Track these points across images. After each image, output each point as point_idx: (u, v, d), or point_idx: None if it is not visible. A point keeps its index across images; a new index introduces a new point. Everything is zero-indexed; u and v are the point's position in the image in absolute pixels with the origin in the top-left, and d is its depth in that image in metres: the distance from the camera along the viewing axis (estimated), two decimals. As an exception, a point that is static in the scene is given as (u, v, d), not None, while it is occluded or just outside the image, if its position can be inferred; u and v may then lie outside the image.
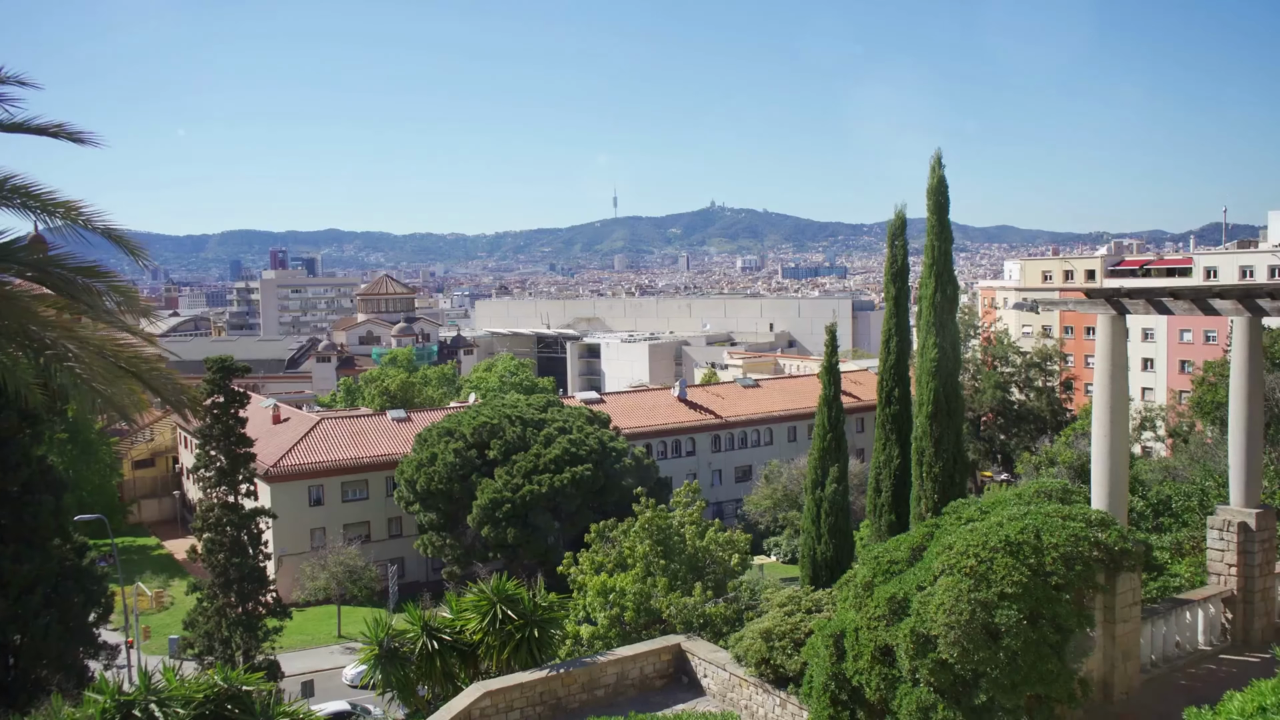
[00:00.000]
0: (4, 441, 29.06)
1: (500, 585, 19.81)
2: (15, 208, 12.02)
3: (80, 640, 30.33)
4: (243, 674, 14.78)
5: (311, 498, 60.88)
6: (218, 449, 38.59)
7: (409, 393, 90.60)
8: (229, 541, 38.21)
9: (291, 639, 47.14)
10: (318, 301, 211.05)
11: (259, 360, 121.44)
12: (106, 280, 12.70)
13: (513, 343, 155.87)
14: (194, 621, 38.46)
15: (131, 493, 78.56)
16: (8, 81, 12.66)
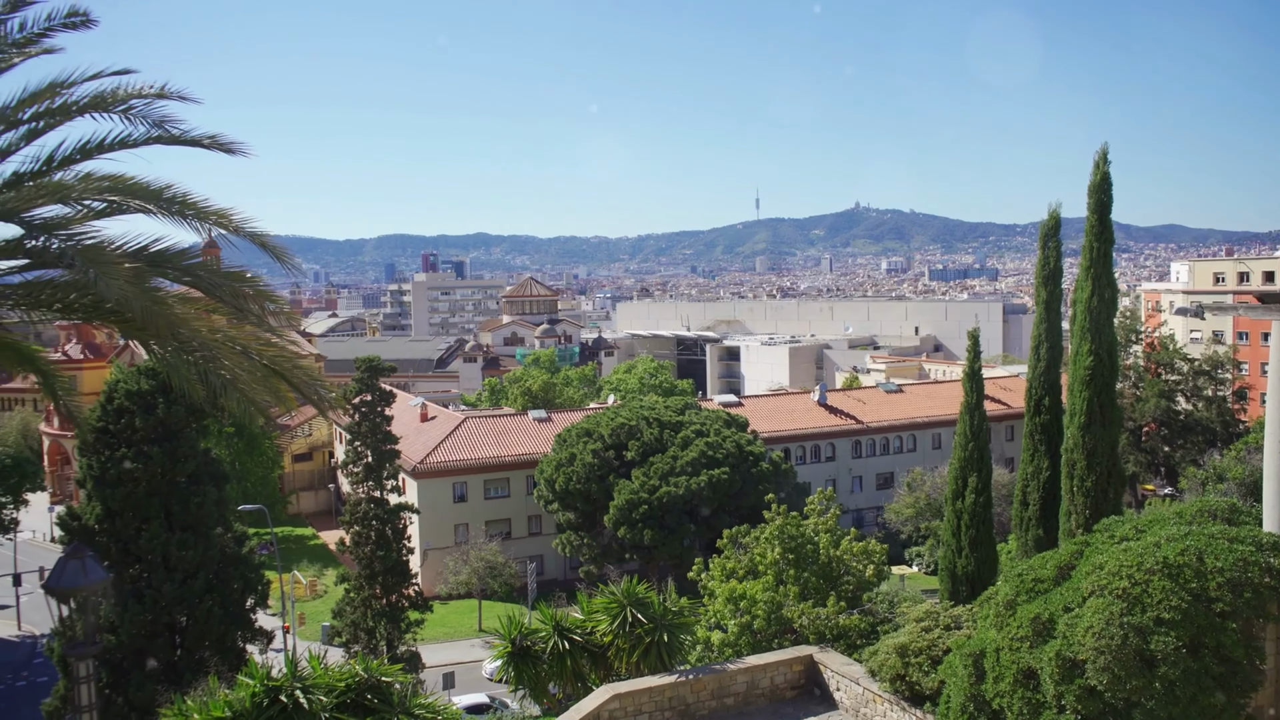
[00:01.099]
0: (173, 435, 31.04)
1: (630, 588, 19.80)
2: (172, 215, 12.69)
3: (239, 624, 32.06)
4: (384, 664, 15.19)
5: (455, 494, 62.67)
6: (365, 445, 40.13)
7: (550, 393, 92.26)
8: (375, 535, 39.70)
9: (434, 631, 48.62)
10: (465, 303, 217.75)
11: (409, 360, 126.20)
12: (251, 284, 13.27)
13: (652, 345, 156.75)
14: (341, 611, 40.12)
15: (291, 485, 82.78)
16: (170, 97, 13.38)
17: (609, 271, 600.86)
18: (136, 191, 12.60)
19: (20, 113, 13.10)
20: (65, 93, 13.33)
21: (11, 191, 12.78)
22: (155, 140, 13.22)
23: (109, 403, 31.36)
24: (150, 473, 30.40)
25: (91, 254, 10.88)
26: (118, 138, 13.26)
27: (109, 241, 11.86)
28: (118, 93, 13.21)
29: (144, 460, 30.28)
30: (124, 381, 31.75)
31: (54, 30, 13.04)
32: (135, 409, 30.86)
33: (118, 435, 30.79)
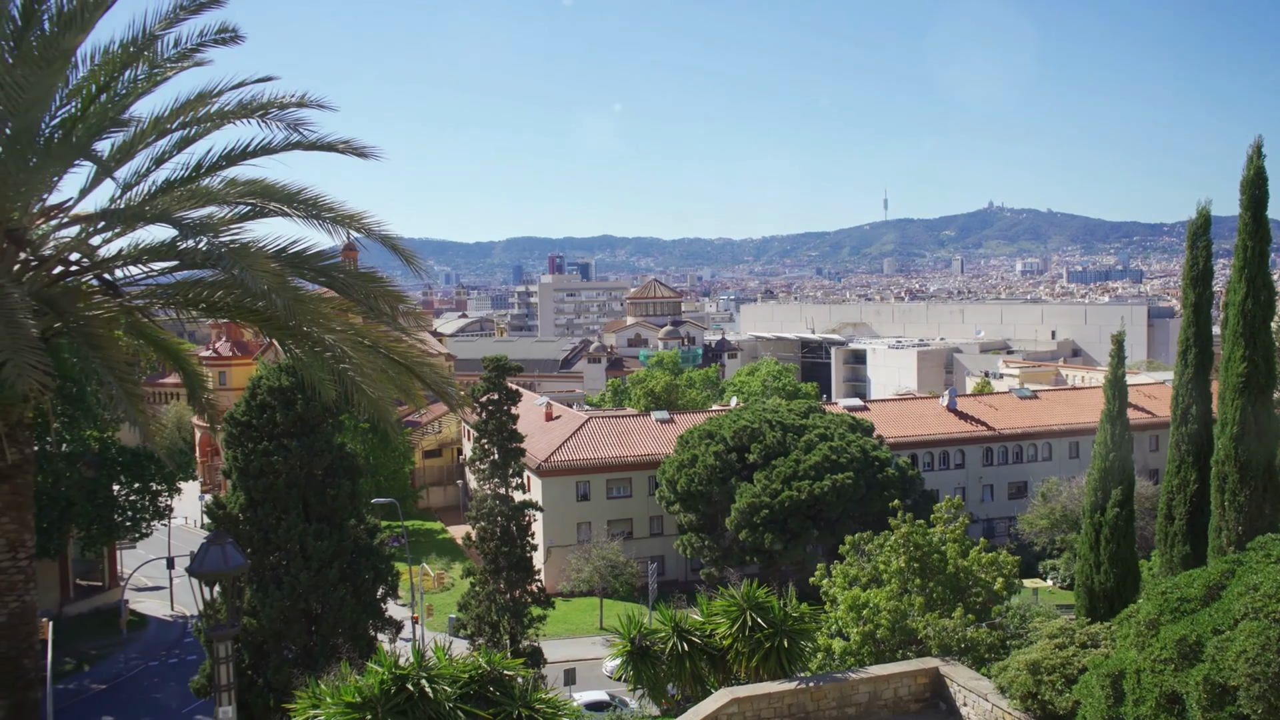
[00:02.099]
0: (311, 429, 32.38)
1: (750, 592, 19.60)
2: (309, 218, 13.23)
3: (370, 613, 33.19)
4: (506, 658, 15.45)
5: (579, 493, 63.43)
6: (492, 443, 41.00)
7: (673, 394, 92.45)
8: (500, 531, 40.51)
9: (556, 627, 49.31)
10: (590, 304, 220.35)
11: (535, 360, 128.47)
12: (384, 285, 13.74)
13: (776, 347, 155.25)
14: (467, 604, 41.09)
15: (422, 480, 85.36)
16: (309, 105, 13.96)
17: (733, 273, 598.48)
18: (276, 195, 13.17)
19: (173, 122, 13.85)
20: (212, 102, 14.03)
21: (165, 196, 13.54)
22: (294, 146, 13.79)
23: (252, 398, 32.95)
24: (290, 465, 31.80)
25: (238, 253, 11.41)
26: (259, 143, 13.89)
27: (253, 243, 12.43)
28: (259, 101, 13.83)
29: (284, 453, 31.69)
30: (266, 378, 33.31)
31: (205, 46, 13.72)
32: (276, 404, 32.33)
33: (260, 429, 32.31)
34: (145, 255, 13.01)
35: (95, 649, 51.68)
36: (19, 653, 12.53)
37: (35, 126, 11.80)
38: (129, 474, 53.90)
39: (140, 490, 54.51)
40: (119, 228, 13.07)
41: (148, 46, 13.43)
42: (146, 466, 54.11)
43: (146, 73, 13.80)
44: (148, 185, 13.95)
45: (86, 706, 44.79)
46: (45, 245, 13.19)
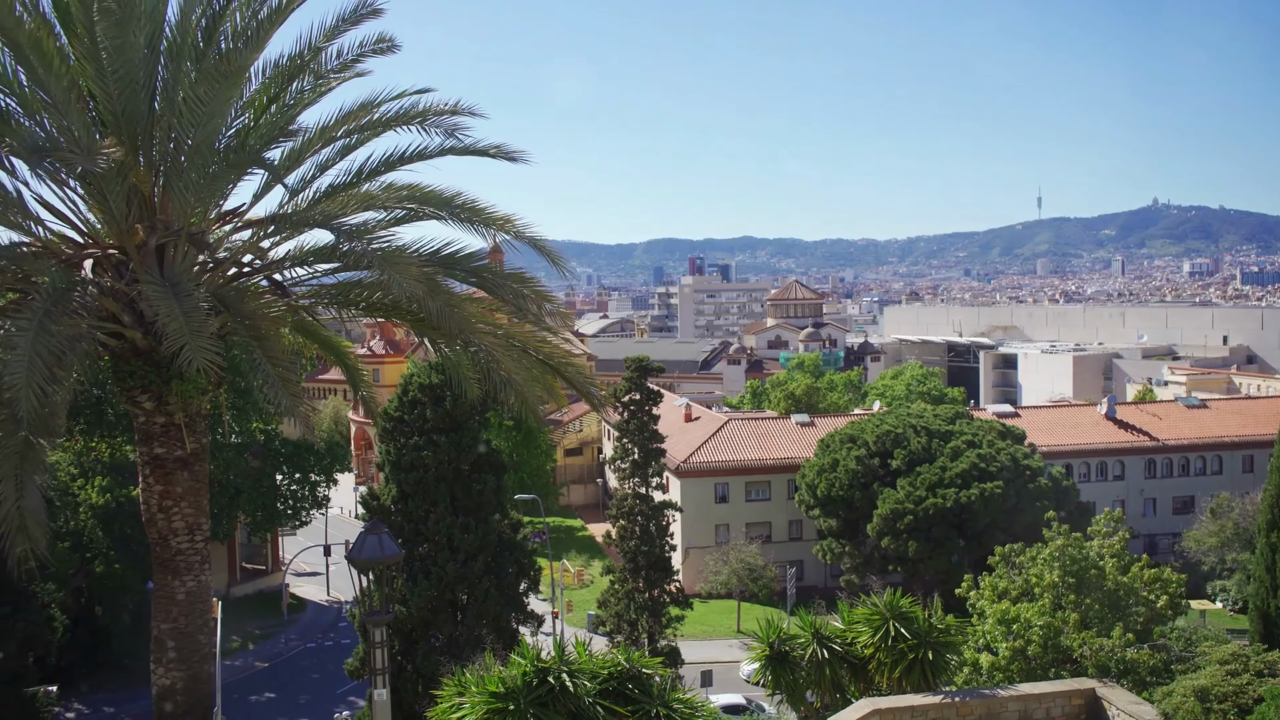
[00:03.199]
0: (459, 426, 33.41)
1: (894, 601, 19.12)
2: (460, 221, 13.70)
3: (513, 606, 34.00)
4: (645, 656, 15.57)
5: (717, 494, 63.31)
6: (633, 442, 41.40)
7: (813, 398, 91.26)
8: (639, 530, 40.86)
9: (693, 628, 49.38)
10: (730, 306, 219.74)
11: (675, 361, 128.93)
12: (531, 286, 14.08)
13: (921, 350, 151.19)
14: (606, 601, 41.60)
15: (563, 477, 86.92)
16: (461, 113, 14.43)
17: (876, 275, 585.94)
18: (432, 200, 13.67)
19: (337, 131, 14.56)
20: (373, 111, 14.68)
21: (328, 201, 14.24)
22: (448, 151, 14.28)
23: (404, 394, 34.24)
24: (438, 460, 32.89)
25: (389, 257, 11.90)
26: (415, 150, 14.45)
27: (407, 245, 12.94)
28: (416, 110, 14.38)
29: (433, 448, 32.80)
30: (417, 375, 34.56)
31: (364, 56, 14.36)
32: (426, 401, 33.50)
33: (411, 425, 33.54)
34: (310, 257, 13.75)
35: (259, 629, 54.82)
36: (195, 628, 13.44)
37: (214, 138, 12.60)
38: (291, 465, 56.95)
39: (301, 481, 57.52)
40: (286, 231, 13.83)
41: (313, 59, 14.17)
42: (306, 458, 57.05)
43: (312, 84, 14.56)
44: (312, 191, 14.72)
45: (251, 682, 47.52)
46: (220, 248, 14.09)
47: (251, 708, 44.66)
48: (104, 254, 12.83)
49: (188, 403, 12.86)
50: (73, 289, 11.28)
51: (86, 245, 13.12)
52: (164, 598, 13.48)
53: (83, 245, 13.14)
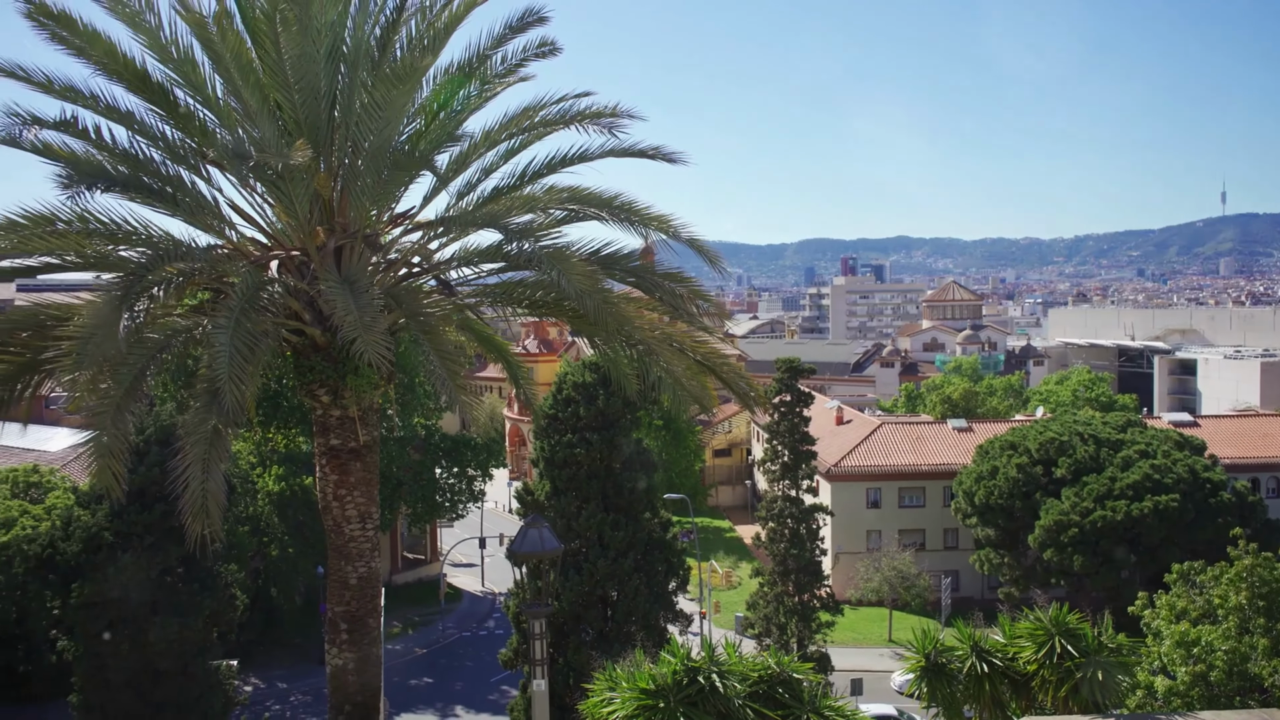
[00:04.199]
0: (611, 424, 33.90)
1: (1060, 616, 18.24)
2: (620, 222, 13.91)
3: (661, 604, 34.25)
4: (794, 661, 15.40)
5: (869, 499, 62.03)
6: (783, 445, 41.04)
7: (971, 402, 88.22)
8: (789, 533, 40.46)
9: (842, 635, 48.52)
10: (884, 307, 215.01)
11: (825, 363, 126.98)
12: (689, 285, 14.16)
13: (1089, 355, 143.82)
14: (755, 604, 41.37)
15: (711, 478, 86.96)
16: (621, 115, 14.62)
17: (1040, 275, 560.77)
18: (591, 200, 13.92)
19: (501, 135, 15.00)
20: (536, 115, 15.05)
21: (492, 203, 14.70)
22: (609, 153, 14.51)
23: (559, 393, 35.00)
24: (591, 458, 33.47)
25: (555, 256, 12.19)
26: (577, 152, 14.74)
27: (569, 245, 13.22)
28: (577, 112, 14.66)
29: (586, 446, 33.40)
30: (571, 374, 35.27)
31: (528, 61, 14.73)
32: (580, 399, 34.14)
33: (565, 422, 34.26)
34: (475, 257, 14.24)
35: (418, 616, 57.13)
36: (366, 612, 14.12)
37: (388, 144, 13.20)
38: (449, 459, 59.09)
39: (458, 474, 59.61)
40: (454, 233, 14.36)
41: (480, 65, 14.64)
42: (464, 453, 59.09)
43: (478, 90, 15.03)
44: (477, 194, 15.22)
45: (411, 667, 49.57)
46: (392, 250, 14.75)
47: (411, 691, 46.58)
48: (287, 255, 13.64)
49: (361, 397, 13.52)
50: (261, 288, 12.05)
51: (272, 247, 13.97)
52: (337, 582, 14.21)
53: (269, 247, 14.00)
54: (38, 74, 12.75)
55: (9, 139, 12.51)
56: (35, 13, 12.25)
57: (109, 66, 12.85)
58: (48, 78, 12.77)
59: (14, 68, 12.60)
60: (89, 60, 12.91)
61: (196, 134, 13.45)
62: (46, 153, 12.71)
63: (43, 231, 12.14)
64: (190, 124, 13.36)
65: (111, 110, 13.06)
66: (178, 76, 13.15)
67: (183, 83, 13.22)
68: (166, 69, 13.14)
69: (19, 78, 12.72)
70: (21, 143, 12.61)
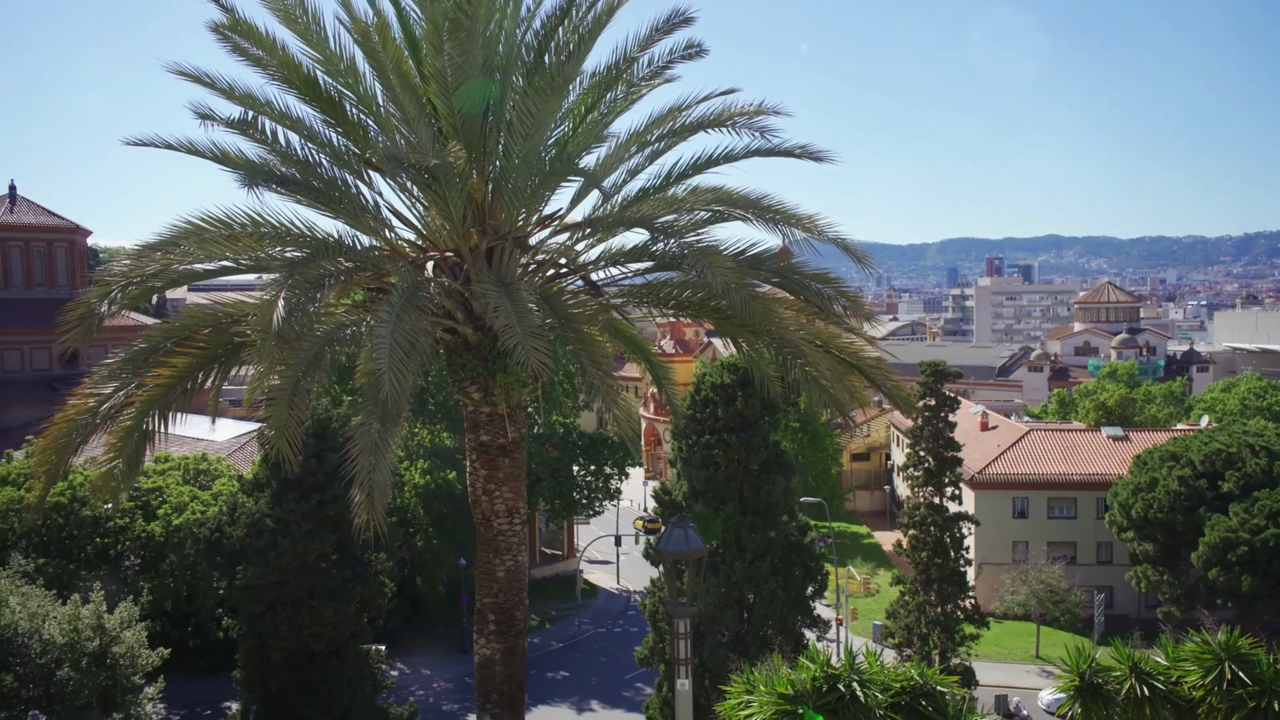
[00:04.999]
0: (749, 426, 33.72)
1: (1232, 641, 17.13)
2: (766, 222, 13.80)
3: (798, 609, 33.85)
4: (938, 673, 14.97)
5: (1015, 509, 59.77)
6: (926, 450, 39.99)
7: (1127, 410, 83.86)
8: (932, 541, 39.39)
9: (986, 649, 46.92)
10: (1032, 309, 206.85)
11: (969, 366, 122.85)
12: (835, 286, 13.96)
13: (1260, 361, 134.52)
14: (895, 612, 40.43)
15: (848, 482, 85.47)
16: (766, 113, 14.52)
17: (1204, 275, 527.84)
18: (737, 201, 13.88)
19: (647, 136, 15.12)
20: (680, 116, 15.10)
21: (637, 205, 14.83)
22: (754, 153, 14.43)
23: (697, 393, 35.04)
24: (728, 459, 33.39)
25: (702, 255, 12.21)
26: (721, 152, 14.72)
27: (715, 245, 13.22)
28: (722, 113, 14.63)
29: (724, 447, 33.34)
30: (709, 375, 35.25)
31: (674, 62, 14.78)
32: (718, 400, 34.09)
33: (702, 423, 34.27)
34: (622, 258, 14.41)
35: (555, 610, 58.20)
36: (512, 605, 14.48)
37: (539, 147, 13.50)
38: (586, 457, 59.99)
39: (595, 472, 60.43)
40: (600, 233, 14.57)
41: (627, 68, 14.78)
42: (601, 451, 59.86)
43: (625, 92, 15.20)
44: (623, 195, 15.38)
45: (548, 660, 50.53)
46: (540, 251, 15.07)
47: (548, 684, 47.49)
48: (441, 256, 14.12)
49: (510, 394, 13.88)
50: (420, 287, 12.51)
51: (426, 248, 14.48)
52: (485, 574, 14.62)
53: (423, 248, 14.52)
54: (221, 81, 13.64)
55: (191, 148, 13.39)
56: (221, 27, 13.08)
57: (283, 76, 13.61)
58: (230, 85, 13.65)
59: (200, 74, 13.50)
60: (264, 70, 13.71)
61: (359, 139, 14.09)
62: (224, 160, 13.55)
63: (221, 235, 12.94)
64: (354, 130, 14.02)
65: (285, 117, 13.83)
66: (344, 85, 13.80)
67: (348, 91, 13.87)
68: (333, 79, 13.82)
69: (204, 83, 13.62)
70: (202, 151, 13.48)
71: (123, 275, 13.45)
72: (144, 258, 13.26)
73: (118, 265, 14.07)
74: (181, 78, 13.50)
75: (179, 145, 13.48)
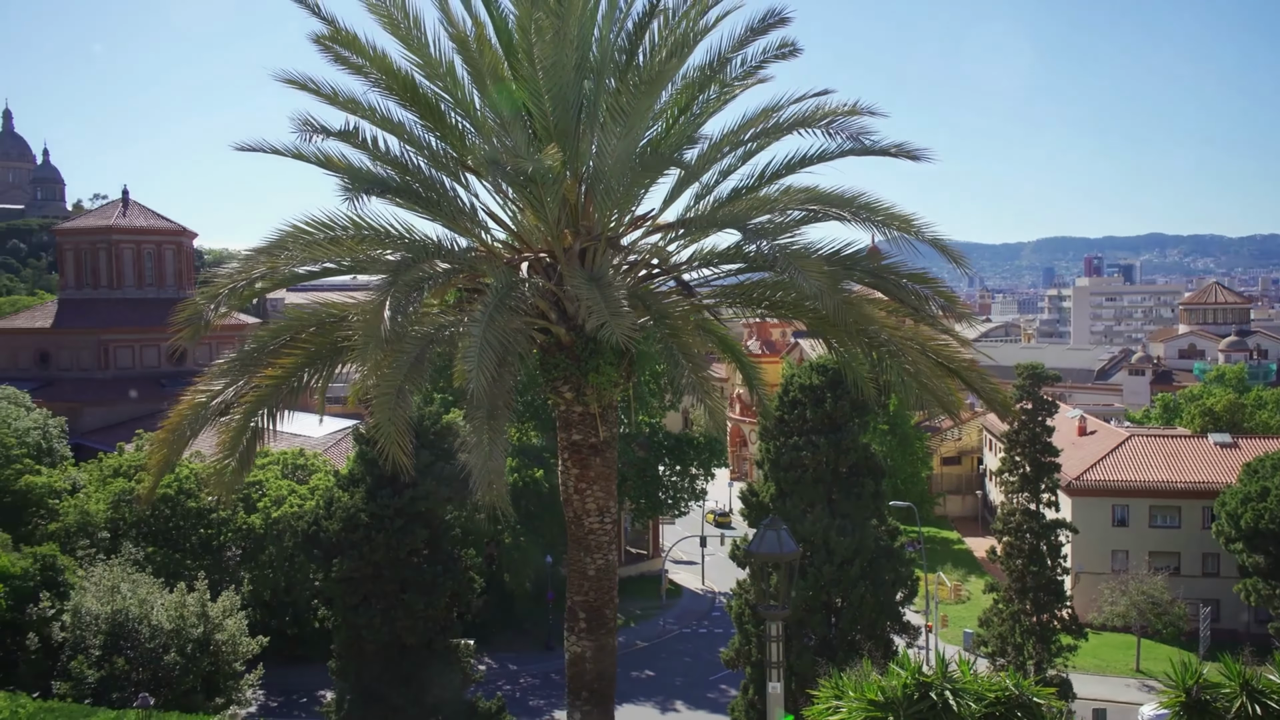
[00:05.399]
0: (838, 427, 33.33)
1: (1352, 659, 16.31)
2: (860, 221, 13.62)
3: (887, 614, 33.32)
4: (1034, 684, 14.60)
5: (1115, 517, 57.80)
6: (1023, 455, 38.98)
7: (1237, 415, 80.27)
8: (1027, 549, 38.40)
9: (1084, 660, 45.50)
10: (1133, 310, 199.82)
11: (1066, 369, 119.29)
12: (932, 286, 13.69)
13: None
14: (988, 621, 39.50)
15: (938, 487, 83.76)
16: (861, 113, 14.32)
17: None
18: (832, 201, 13.72)
19: (740, 136, 15.05)
20: (774, 116, 14.99)
21: (730, 205, 14.79)
22: (849, 152, 14.24)
23: (785, 395, 34.77)
24: (817, 461, 33.04)
25: (795, 256, 12.11)
26: (816, 152, 14.56)
27: (809, 246, 13.09)
28: (816, 112, 14.47)
29: (812, 449, 33.00)
30: (798, 376, 34.94)
31: (767, 62, 14.68)
32: (807, 402, 33.78)
33: (790, 424, 33.99)
34: (714, 258, 14.39)
35: (640, 610, 58.36)
36: (603, 602, 14.59)
37: (632, 148, 13.54)
38: (672, 457, 60.00)
39: (680, 473, 60.40)
40: (693, 234, 14.56)
41: (720, 69, 14.72)
42: (686, 452, 59.81)
43: (718, 93, 15.14)
44: (715, 196, 15.34)
45: (632, 659, 50.67)
46: (632, 251, 15.13)
47: (633, 683, 47.64)
48: (535, 257, 14.29)
49: (602, 394, 13.97)
50: (514, 288, 12.69)
51: (521, 249, 14.67)
52: (576, 573, 14.75)
53: (518, 249, 14.71)
54: (326, 87, 14.06)
55: (297, 153, 13.83)
56: (325, 36, 13.48)
57: (384, 82, 13.96)
58: (334, 90, 14.07)
59: (305, 80, 13.94)
60: (365, 77, 14.07)
61: (456, 143, 14.36)
62: (327, 164, 13.95)
63: (324, 239, 13.34)
64: (452, 133, 14.29)
65: (386, 122, 14.17)
66: (442, 89, 14.08)
67: (446, 95, 14.14)
68: (432, 83, 14.11)
69: (310, 90, 14.06)
70: (306, 155, 13.90)
71: (229, 278, 13.95)
72: (251, 261, 13.73)
73: (225, 268, 14.61)
74: (289, 86, 13.93)
75: (285, 150, 13.92)
